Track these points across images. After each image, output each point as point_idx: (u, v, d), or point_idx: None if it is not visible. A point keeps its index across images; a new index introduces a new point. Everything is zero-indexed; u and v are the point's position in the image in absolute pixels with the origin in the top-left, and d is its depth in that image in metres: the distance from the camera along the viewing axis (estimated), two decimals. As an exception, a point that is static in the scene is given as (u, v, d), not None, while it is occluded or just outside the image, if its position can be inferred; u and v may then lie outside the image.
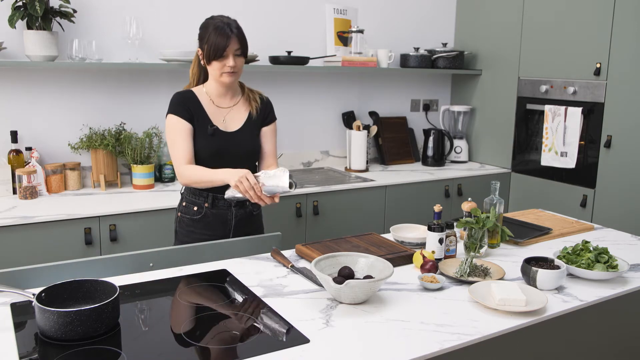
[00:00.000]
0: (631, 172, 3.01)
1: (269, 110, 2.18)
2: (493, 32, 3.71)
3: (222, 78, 2.01)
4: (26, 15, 2.51)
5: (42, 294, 1.34)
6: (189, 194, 2.11)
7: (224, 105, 2.11)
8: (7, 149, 2.67)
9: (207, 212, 2.08)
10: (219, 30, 1.97)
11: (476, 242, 1.87)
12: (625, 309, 1.81)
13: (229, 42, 1.96)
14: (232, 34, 1.98)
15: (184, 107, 2.04)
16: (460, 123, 3.93)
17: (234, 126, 2.10)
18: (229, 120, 2.10)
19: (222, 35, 1.96)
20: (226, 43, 1.96)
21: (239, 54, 2.00)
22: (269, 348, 1.26)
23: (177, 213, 2.14)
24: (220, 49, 1.96)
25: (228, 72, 2.00)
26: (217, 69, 2.00)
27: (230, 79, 2.02)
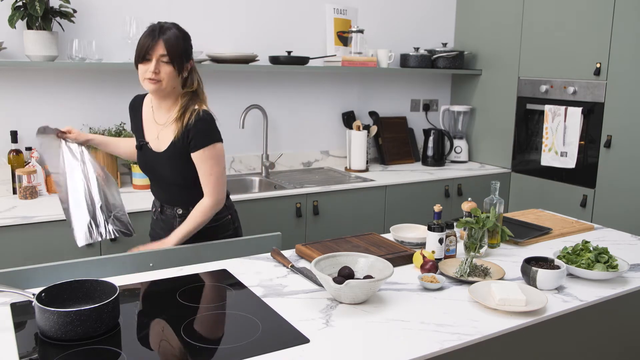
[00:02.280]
0: (631, 172, 3.01)
1: (192, 135, 1.88)
2: (493, 32, 3.71)
3: (143, 84, 1.87)
4: (26, 15, 2.51)
5: (42, 294, 1.34)
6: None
7: (160, 120, 1.97)
8: (7, 149, 2.67)
9: (157, 215, 2.14)
10: (147, 32, 1.85)
11: (476, 242, 1.87)
12: (625, 309, 1.81)
13: (153, 45, 1.82)
14: (158, 37, 1.82)
15: (131, 108, 2.11)
16: (460, 123, 3.93)
17: (163, 146, 1.95)
18: (161, 139, 1.96)
19: (148, 36, 1.84)
20: (149, 45, 1.82)
21: (166, 61, 1.84)
22: (269, 348, 1.26)
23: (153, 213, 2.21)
24: (142, 51, 1.83)
25: (149, 79, 1.84)
26: (141, 73, 1.87)
27: (152, 87, 1.85)
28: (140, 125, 2.04)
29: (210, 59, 2.97)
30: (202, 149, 1.90)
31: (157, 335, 1.32)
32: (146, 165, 2.05)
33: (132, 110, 2.11)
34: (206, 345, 1.27)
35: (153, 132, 1.99)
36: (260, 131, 3.36)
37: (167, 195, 2.06)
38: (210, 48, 3.12)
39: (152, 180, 2.10)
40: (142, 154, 2.03)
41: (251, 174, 3.31)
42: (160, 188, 2.08)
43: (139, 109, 2.07)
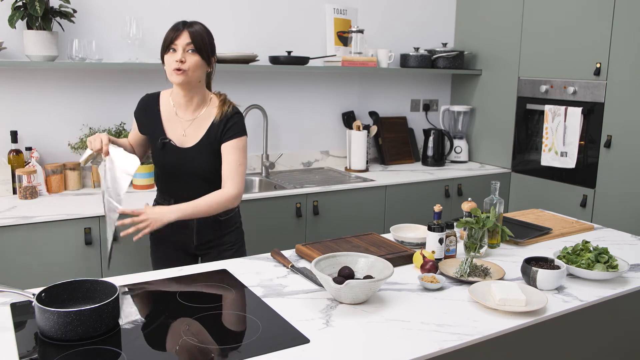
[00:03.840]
0: (631, 172, 3.01)
1: (230, 125, 1.94)
2: (493, 32, 3.71)
3: (171, 77, 1.87)
4: (26, 15, 2.51)
5: (42, 294, 1.34)
6: (158, 197, 2.10)
7: (186, 116, 1.97)
8: (7, 149, 2.67)
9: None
10: (173, 25, 1.89)
11: (476, 242, 1.87)
12: (625, 309, 1.81)
13: (178, 35, 1.84)
14: (183, 28, 1.85)
15: (140, 110, 2.04)
16: (460, 123, 3.93)
17: (191, 142, 1.95)
18: (188, 135, 1.96)
19: (173, 28, 1.86)
20: (175, 35, 1.84)
21: (192, 50, 1.85)
22: (269, 348, 1.26)
23: None
24: (167, 40, 1.85)
25: (175, 69, 1.84)
26: (167, 64, 1.87)
27: (179, 79, 1.85)
28: (159, 123, 1.98)
29: (210, 59, 2.97)
30: (236, 138, 1.94)
31: (157, 336, 1.32)
32: (170, 162, 1.97)
33: (145, 109, 2.02)
34: (206, 345, 1.27)
35: (177, 129, 1.97)
36: (260, 131, 3.36)
37: (188, 192, 1.94)
38: (210, 48, 3.12)
39: (172, 178, 1.99)
40: (165, 152, 1.96)
41: (251, 174, 3.31)
42: (181, 185, 1.98)
43: (155, 107, 2.00)
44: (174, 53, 1.85)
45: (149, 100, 2.03)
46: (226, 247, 2.08)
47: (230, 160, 1.93)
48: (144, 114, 2.02)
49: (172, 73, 1.86)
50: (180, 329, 1.35)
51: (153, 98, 2.03)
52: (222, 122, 1.94)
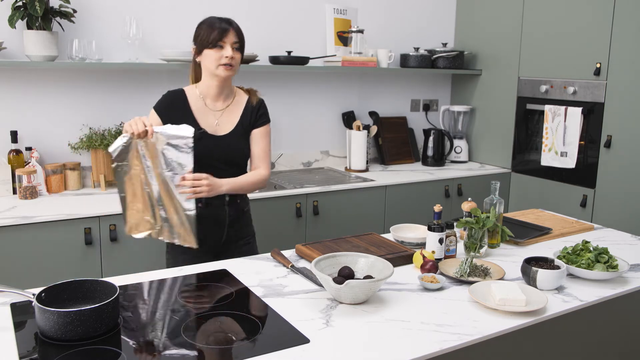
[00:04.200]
0: (631, 172, 3.01)
1: (261, 112, 2.10)
2: (493, 32, 3.71)
3: (218, 70, 1.95)
4: (26, 15, 2.51)
5: (42, 294, 1.34)
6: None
7: (217, 107, 2.05)
8: (7, 149, 2.67)
9: (199, 212, 1.90)
10: (217, 21, 1.97)
11: (476, 242, 1.87)
12: (625, 309, 1.81)
13: (227, 33, 1.94)
14: (230, 26, 1.97)
15: (166, 107, 2.00)
16: (460, 123, 3.93)
17: (225, 130, 2.04)
18: (221, 124, 2.04)
19: (220, 26, 1.95)
20: (223, 32, 1.94)
21: (237, 48, 1.98)
22: (269, 348, 1.26)
23: None
24: (216, 36, 1.93)
25: (224, 64, 1.94)
26: (214, 58, 1.94)
27: (227, 73, 1.96)
28: (190, 116, 1.99)
29: (210, 59, 2.97)
30: (266, 124, 2.12)
31: (157, 336, 1.32)
32: (206, 152, 1.97)
33: (173, 105, 2.01)
34: (206, 345, 1.27)
35: (209, 119, 2.03)
36: (260, 131, 3.36)
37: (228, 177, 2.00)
38: (210, 48, 3.12)
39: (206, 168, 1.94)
40: (202, 144, 1.95)
41: (251, 174, 3.31)
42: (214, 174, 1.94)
43: (184, 102, 2.01)
44: (221, 49, 1.95)
45: (175, 96, 2.04)
46: (245, 241, 2.16)
47: (263, 145, 2.10)
48: (171, 109, 2.00)
49: (219, 67, 1.95)
50: (180, 329, 1.35)
51: (179, 93, 2.04)
52: (255, 110, 2.09)
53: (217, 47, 1.94)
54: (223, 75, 1.97)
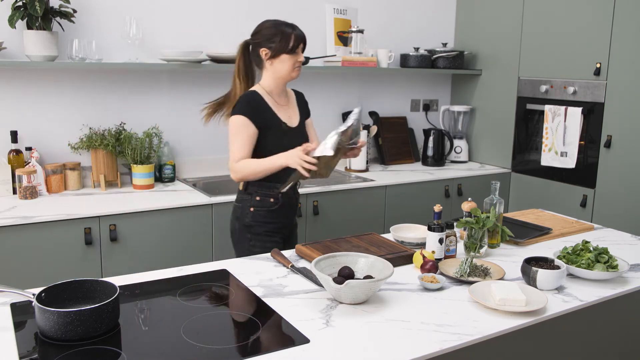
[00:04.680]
0: (631, 172, 3.01)
1: (306, 102, 2.35)
2: (493, 32, 3.71)
3: (292, 73, 2.14)
4: (26, 15, 2.51)
5: (42, 294, 1.34)
6: (261, 188, 2.16)
7: (282, 102, 2.22)
8: (7, 149, 2.67)
9: (281, 202, 2.18)
10: (290, 27, 2.11)
11: (476, 242, 1.87)
12: (625, 309, 1.81)
13: (301, 41, 2.12)
14: (303, 34, 2.14)
15: (254, 109, 2.10)
16: (460, 123, 3.93)
17: (295, 122, 2.23)
18: (291, 116, 2.23)
19: (296, 32, 2.11)
20: (301, 39, 2.12)
21: (302, 52, 2.16)
22: (269, 348, 1.26)
23: (250, 208, 2.17)
24: (294, 45, 2.09)
25: (298, 67, 2.14)
26: (290, 63, 2.12)
27: (298, 74, 2.17)
28: (273, 113, 2.15)
29: (210, 59, 2.97)
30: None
31: (157, 336, 1.32)
32: (289, 144, 2.09)
33: (257, 106, 2.12)
34: (206, 345, 1.27)
35: (284, 114, 2.19)
36: (260, 131, 3.36)
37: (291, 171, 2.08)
38: (210, 48, 3.12)
39: None
40: (287, 136, 2.16)
41: (251, 174, 3.31)
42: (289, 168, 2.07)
43: (263, 101, 2.14)
44: (296, 55, 2.12)
45: (255, 97, 2.14)
46: (294, 225, 2.36)
47: (314, 131, 2.35)
48: (257, 110, 2.11)
49: (294, 70, 2.14)
50: (180, 329, 1.35)
51: (256, 95, 2.14)
52: (303, 101, 2.33)
53: (294, 53, 2.11)
54: (295, 77, 2.16)
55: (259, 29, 2.15)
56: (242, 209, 2.19)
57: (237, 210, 2.22)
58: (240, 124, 2.08)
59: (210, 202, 2.64)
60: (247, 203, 2.18)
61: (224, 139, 3.25)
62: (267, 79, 2.17)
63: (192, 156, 3.18)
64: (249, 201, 2.17)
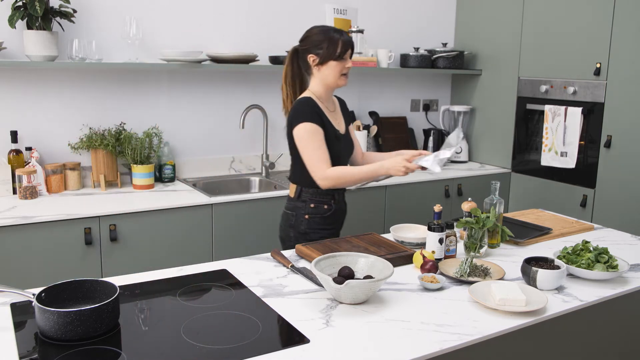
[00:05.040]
0: (631, 172, 3.01)
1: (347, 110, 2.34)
2: (493, 32, 3.71)
3: (340, 80, 2.13)
4: (26, 15, 2.51)
5: (42, 294, 1.34)
6: (315, 195, 2.15)
7: (331, 109, 2.21)
8: (7, 149, 2.67)
9: (335, 208, 2.19)
10: (338, 34, 2.09)
11: (476, 242, 1.87)
12: (625, 309, 1.81)
13: (349, 47, 2.10)
14: (351, 40, 2.12)
15: (316, 114, 2.09)
16: (460, 123, 3.93)
17: (342, 128, 2.22)
18: (339, 122, 2.22)
19: (344, 38, 2.09)
20: (349, 46, 2.09)
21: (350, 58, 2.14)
22: (269, 348, 1.26)
23: (304, 216, 2.15)
24: (342, 51, 2.08)
25: (346, 74, 2.13)
26: (338, 70, 2.10)
27: (346, 81, 2.15)
28: (327, 120, 2.14)
29: (210, 59, 2.97)
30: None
31: (157, 336, 1.32)
32: (343, 150, 2.19)
33: (319, 112, 2.10)
34: (206, 345, 1.27)
35: (334, 121, 2.19)
36: (260, 131, 3.36)
37: None
38: (210, 48, 3.12)
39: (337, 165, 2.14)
40: (341, 142, 2.18)
41: (251, 174, 3.31)
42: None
43: (319, 107, 2.12)
44: (344, 61, 2.10)
45: (311, 103, 2.12)
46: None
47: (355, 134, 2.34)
48: (319, 117, 2.10)
49: (341, 77, 2.13)
50: (180, 329, 1.35)
51: (311, 101, 2.12)
52: (346, 108, 2.32)
53: (342, 59, 2.09)
54: (343, 84, 2.15)
55: (307, 35, 2.14)
56: (297, 217, 2.17)
57: (290, 218, 2.19)
58: (314, 131, 2.05)
59: (210, 202, 2.64)
60: (301, 211, 2.16)
61: (224, 139, 3.26)
62: (316, 86, 2.15)
63: (192, 156, 3.18)
64: (303, 209, 2.16)
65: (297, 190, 2.17)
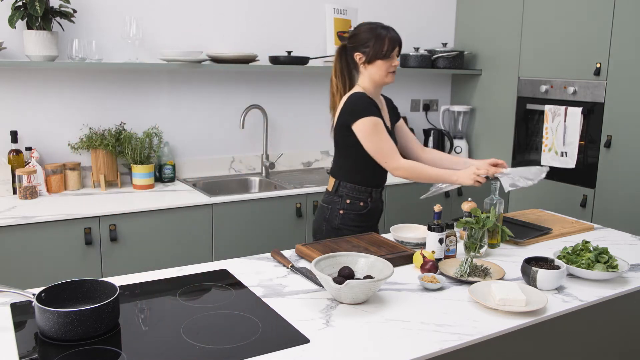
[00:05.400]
0: (631, 172, 3.01)
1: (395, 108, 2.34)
2: (493, 32, 3.71)
3: (387, 78, 2.13)
4: (26, 15, 2.51)
5: (42, 294, 1.34)
6: (352, 191, 2.17)
7: (379, 106, 2.20)
8: (7, 149, 2.67)
9: (370, 206, 2.19)
10: (385, 31, 2.09)
11: (476, 242, 1.87)
12: (625, 309, 1.81)
13: (396, 45, 2.10)
14: (398, 37, 2.12)
15: (375, 107, 2.12)
16: (460, 123, 3.93)
17: (389, 125, 2.23)
18: (387, 120, 2.22)
19: (393, 37, 2.09)
20: (394, 45, 2.09)
21: (397, 56, 2.15)
22: (269, 348, 1.26)
23: (339, 210, 2.18)
24: (389, 49, 2.08)
25: (393, 72, 2.13)
26: (384, 68, 2.11)
27: (393, 79, 2.15)
28: (381, 115, 2.14)
29: (210, 59, 2.97)
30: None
31: (157, 336, 1.32)
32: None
33: (375, 105, 2.14)
34: (206, 345, 1.27)
35: (384, 116, 2.21)
36: (260, 131, 3.36)
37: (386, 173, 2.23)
38: (210, 48, 3.12)
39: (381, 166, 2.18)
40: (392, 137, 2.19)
41: (251, 174, 3.32)
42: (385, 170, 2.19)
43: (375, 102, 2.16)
44: (391, 60, 2.11)
45: (367, 98, 2.14)
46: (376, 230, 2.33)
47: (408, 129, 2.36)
48: (377, 109, 2.14)
49: (388, 75, 2.13)
50: (180, 329, 1.35)
51: (366, 96, 2.14)
52: (392, 105, 2.33)
53: (388, 57, 2.09)
54: (390, 82, 2.15)
55: (355, 33, 2.15)
56: (331, 211, 2.19)
57: (325, 212, 2.21)
58: (377, 123, 2.08)
59: (210, 202, 2.64)
60: (337, 205, 2.18)
61: (224, 139, 3.26)
62: (365, 82, 2.16)
63: (192, 156, 3.18)
64: (338, 203, 2.18)
65: (335, 183, 2.20)
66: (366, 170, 2.16)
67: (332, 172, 2.23)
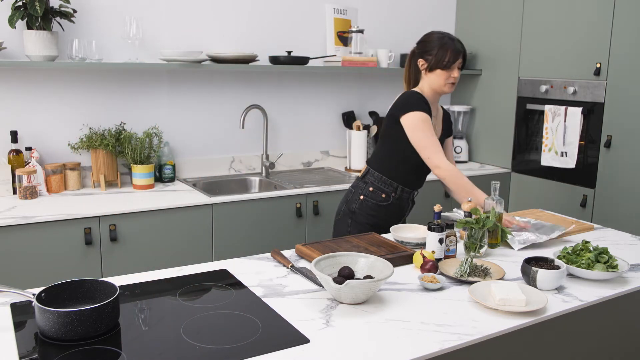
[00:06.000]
0: (631, 172, 3.01)
1: (450, 124, 2.37)
2: (493, 32, 3.71)
3: (445, 87, 2.18)
4: (26, 15, 2.51)
5: (42, 294, 1.34)
6: (379, 181, 2.21)
7: (434, 113, 2.26)
8: (7, 149, 2.67)
9: (392, 201, 2.24)
10: (450, 42, 2.14)
11: (476, 242, 1.87)
12: (625, 309, 1.81)
13: (459, 56, 2.14)
14: (462, 49, 2.16)
15: (427, 106, 2.15)
16: (460, 123, 3.93)
17: (438, 134, 2.28)
18: (436, 129, 2.27)
19: (456, 49, 2.14)
20: (457, 57, 2.13)
21: (459, 67, 2.18)
22: (269, 348, 1.26)
23: (360, 196, 2.23)
24: (450, 61, 2.12)
25: (451, 83, 2.17)
26: (443, 78, 2.15)
27: (452, 90, 2.21)
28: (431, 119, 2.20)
29: (210, 59, 2.97)
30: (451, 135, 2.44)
31: (157, 336, 1.32)
32: None
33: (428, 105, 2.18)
34: (206, 345, 1.27)
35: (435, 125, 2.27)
36: (260, 131, 3.36)
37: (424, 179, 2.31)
38: (210, 48, 3.12)
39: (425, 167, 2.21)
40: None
41: (251, 174, 3.32)
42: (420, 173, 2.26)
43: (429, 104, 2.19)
44: (450, 70, 2.14)
45: (422, 97, 2.18)
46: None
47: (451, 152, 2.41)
48: (429, 110, 2.18)
49: (446, 85, 2.17)
50: (180, 329, 1.35)
51: (422, 95, 2.19)
52: (449, 120, 2.36)
53: (449, 68, 2.13)
54: (447, 92, 2.19)
55: (423, 39, 2.21)
56: (353, 194, 2.26)
57: (348, 194, 2.30)
58: (427, 119, 2.12)
59: (210, 202, 2.64)
60: (360, 190, 2.23)
61: (224, 139, 3.26)
62: (424, 87, 2.22)
63: (192, 156, 3.18)
64: (362, 189, 2.23)
65: (365, 170, 2.25)
66: (401, 165, 2.20)
67: (368, 160, 2.30)
